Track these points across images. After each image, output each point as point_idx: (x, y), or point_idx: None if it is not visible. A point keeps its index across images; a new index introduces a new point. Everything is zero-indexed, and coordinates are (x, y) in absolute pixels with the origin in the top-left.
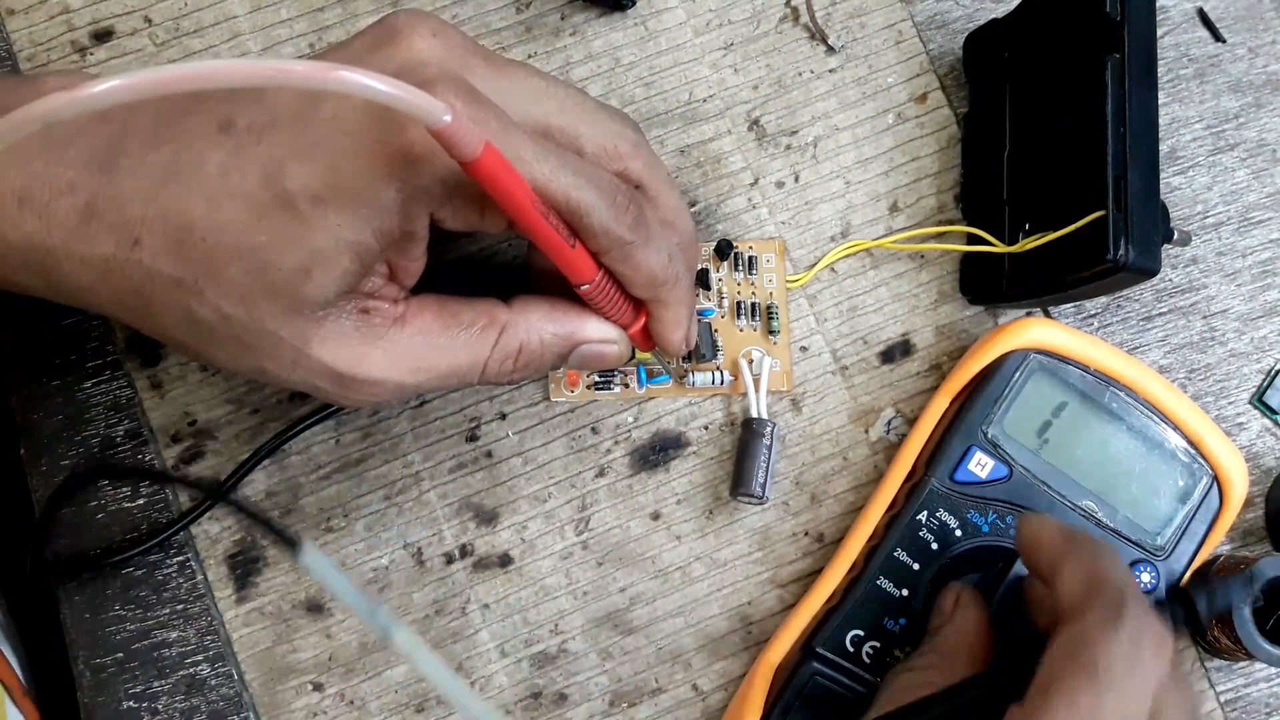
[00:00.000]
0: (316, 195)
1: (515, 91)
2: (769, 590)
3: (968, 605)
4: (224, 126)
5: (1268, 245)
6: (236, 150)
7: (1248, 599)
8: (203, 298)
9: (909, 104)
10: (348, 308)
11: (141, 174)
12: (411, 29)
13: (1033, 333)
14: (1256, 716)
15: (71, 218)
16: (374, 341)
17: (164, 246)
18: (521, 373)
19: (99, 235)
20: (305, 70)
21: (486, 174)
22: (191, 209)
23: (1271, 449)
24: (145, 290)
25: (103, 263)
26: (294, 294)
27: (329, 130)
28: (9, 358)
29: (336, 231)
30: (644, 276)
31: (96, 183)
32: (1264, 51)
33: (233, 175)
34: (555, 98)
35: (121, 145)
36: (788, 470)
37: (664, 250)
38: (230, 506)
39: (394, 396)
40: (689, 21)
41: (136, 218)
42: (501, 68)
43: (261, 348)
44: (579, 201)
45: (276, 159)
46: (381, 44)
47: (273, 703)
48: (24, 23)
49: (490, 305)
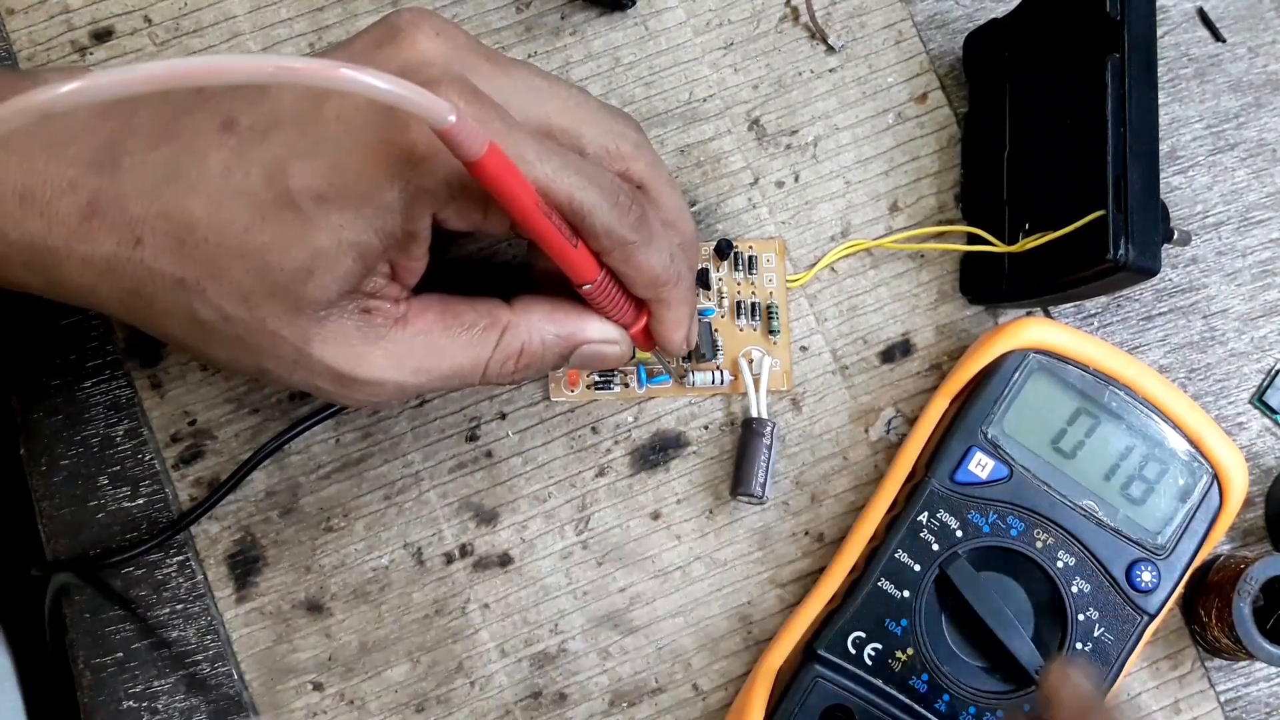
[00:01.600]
0: (319, 195)
1: (518, 91)
2: (769, 590)
3: (1077, 682)
4: (226, 125)
5: (1268, 245)
6: (239, 149)
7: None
8: (204, 297)
9: (909, 104)
10: (349, 308)
11: (143, 173)
12: (415, 28)
13: (1033, 332)
14: (1256, 716)
15: (73, 217)
16: (375, 342)
17: (165, 246)
18: (522, 373)
19: (100, 234)
20: (309, 68)
21: (490, 174)
22: (193, 208)
23: (1271, 448)
24: (146, 290)
25: (104, 262)
26: (296, 294)
27: (332, 130)
28: (9, 357)
29: (339, 232)
30: (646, 276)
31: (98, 181)
32: (1264, 51)
33: (235, 175)
34: (558, 98)
35: (123, 143)
36: (788, 470)
37: (666, 250)
38: (231, 505)
39: (395, 397)
40: (689, 21)
41: (138, 217)
42: (505, 67)
43: (263, 348)
44: (581, 202)
45: (279, 158)
46: (384, 43)
47: (273, 702)
48: (24, 22)
49: (492, 306)
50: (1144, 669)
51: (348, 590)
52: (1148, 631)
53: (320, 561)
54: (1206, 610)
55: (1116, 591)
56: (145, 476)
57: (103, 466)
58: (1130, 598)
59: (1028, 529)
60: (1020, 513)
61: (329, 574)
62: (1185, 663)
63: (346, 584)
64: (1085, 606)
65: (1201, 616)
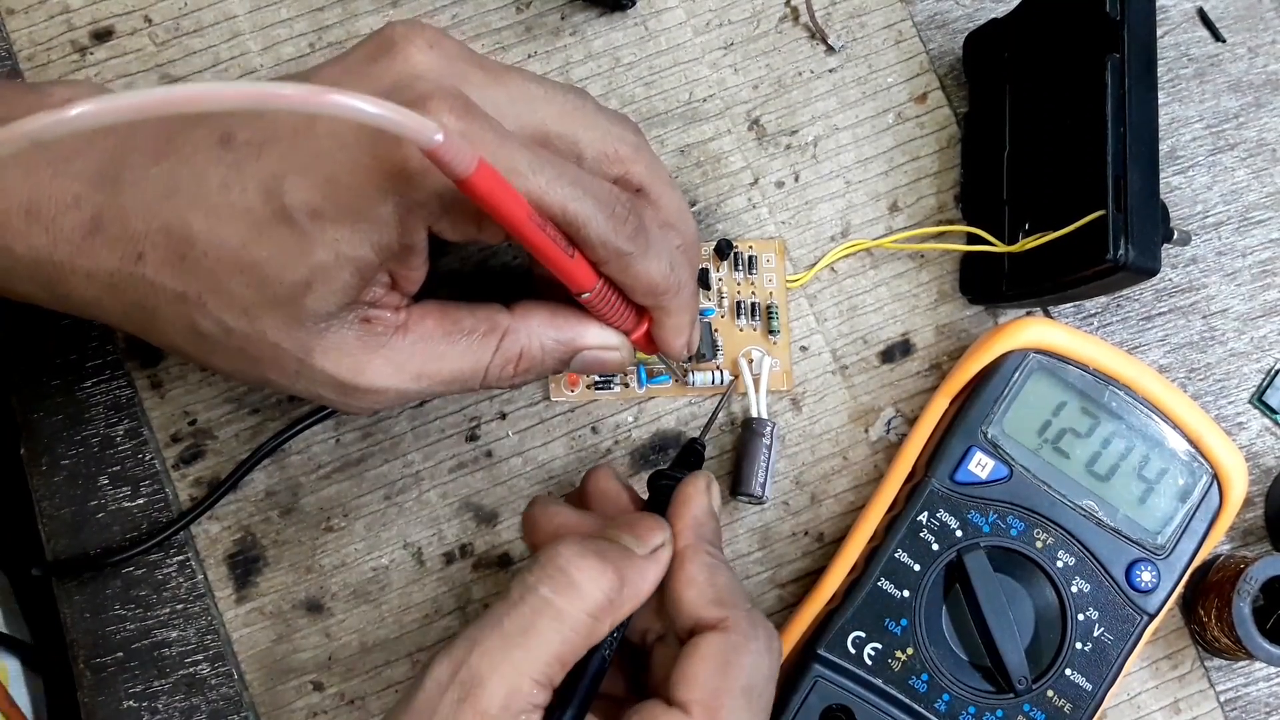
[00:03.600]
0: (315, 210)
1: (512, 99)
2: (769, 590)
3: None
4: (224, 141)
5: (1267, 245)
6: (236, 165)
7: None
8: (205, 311)
9: (909, 104)
10: (349, 318)
11: (144, 188)
12: (408, 41)
13: (1032, 332)
14: (1256, 716)
15: (77, 232)
16: (376, 350)
17: (166, 260)
18: (522, 378)
19: (103, 249)
20: (296, 94)
21: (480, 190)
22: (192, 223)
23: (1271, 448)
24: (149, 303)
25: (108, 276)
26: (295, 307)
27: (326, 145)
28: (9, 358)
29: (335, 246)
30: (644, 285)
31: (101, 196)
32: (1264, 51)
33: (233, 190)
34: (554, 103)
35: (124, 158)
36: (788, 470)
37: (665, 258)
38: (231, 505)
39: (397, 403)
40: (689, 21)
41: (140, 232)
42: (498, 76)
43: (265, 359)
44: (576, 213)
45: (275, 174)
46: (378, 56)
47: (273, 702)
48: (24, 22)
49: (491, 311)
50: (1144, 669)
51: (348, 590)
52: (1147, 631)
53: (320, 561)
54: (1206, 610)
55: (1116, 591)
56: (145, 476)
57: (103, 466)
58: (1130, 597)
59: (1027, 529)
60: (1020, 512)
61: (329, 574)
62: (1185, 662)
63: (347, 584)
64: (1085, 606)
65: (1201, 616)
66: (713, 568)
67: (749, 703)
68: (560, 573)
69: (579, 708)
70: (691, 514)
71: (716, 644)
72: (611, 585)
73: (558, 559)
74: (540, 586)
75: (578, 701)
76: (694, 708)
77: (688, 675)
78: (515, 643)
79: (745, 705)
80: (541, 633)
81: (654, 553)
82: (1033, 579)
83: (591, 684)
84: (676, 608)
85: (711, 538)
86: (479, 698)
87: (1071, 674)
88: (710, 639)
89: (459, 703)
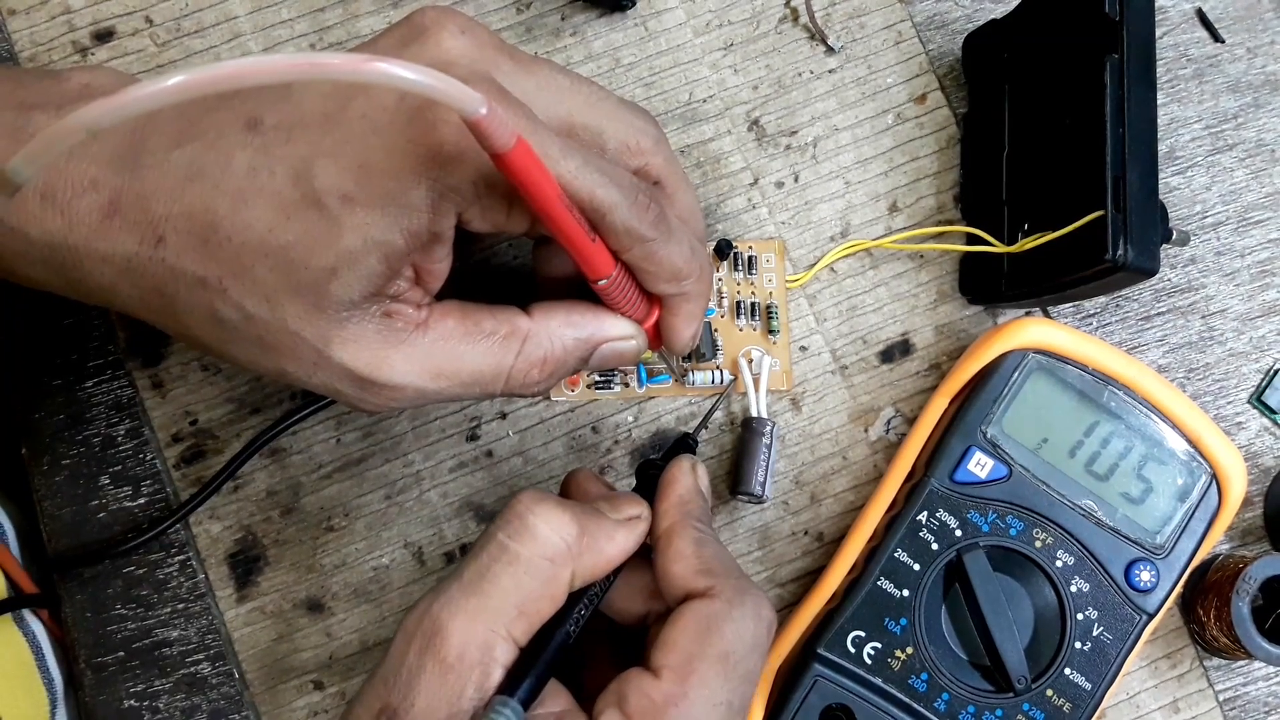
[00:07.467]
0: (346, 194)
1: (540, 88)
2: (769, 589)
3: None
4: (251, 124)
5: (1266, 245)
6: (264, 149)
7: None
8: (226, 297)
9: (909, 104)
10: (371, 310)
11: (166, 171)
12: (440, 26)
13: (1032, 332)
14: (1256, 716)
15: (94, 215)
16: (396, 345)
17: (188, 245)
18: (546, 382)
19: (121, 233)
20: (342, 63)
21: (517, 166)
22: (217, 207)
23: (1270, 448)
24: (168, 289)
25: (125, 261)
26: (319, 294)
27: (358, 129)
28: (10, 357)
29: (365, 231)
30: (668, 270)
31: (119, 180)
32: (1263, 51)
33: (260, 174)
34: (579, 95)
35: (145, 141)
36: (787, 470)
37: (685, 244)
38: (232, 505)
39: (414, 402)
40: (689, 22)
41: (160, 215)
42: (527, 65)
43: (283, 348)
44: (603, 199)
45: (305, 157)
46: (409, 41)
47: (273, 701)
48: (25, 23)
49: (511, 314)
50: (1143, 668)
51: (349, 589)
52: (1146, 631)
53: (321, 561)
54: (1205, 609)
55: (1115, 591)
56: (146, 476)
57: (104, 466)
58: (1129, 597)
59: (1027, 528)
60: (1019, 512)
61: (330, 573)
62: (1184, 662)
63: (347, 583)
64: (1084, 606)
65: (1200, 616)
66: (699, 541)
67: (725, 669)
68: (518, 518)
69: (537, 679)
70: (677, 493)
71: (699, 610)
72: (569, 532)
73: (516, 506)
74: (498, 533)
75: (537, 671)
76: (665, 672)
77: (665, 641)
78: (472, 589)
79: (720, 671)
80: (497, 578)
81: (627, 521)
82: (1032, 578)
83: (554, 655)
84: (666, 582)
85: (699, 515)
86: (439, 646)
87: (1071, 673)
88: (693, 605)
89: (421, 652)
